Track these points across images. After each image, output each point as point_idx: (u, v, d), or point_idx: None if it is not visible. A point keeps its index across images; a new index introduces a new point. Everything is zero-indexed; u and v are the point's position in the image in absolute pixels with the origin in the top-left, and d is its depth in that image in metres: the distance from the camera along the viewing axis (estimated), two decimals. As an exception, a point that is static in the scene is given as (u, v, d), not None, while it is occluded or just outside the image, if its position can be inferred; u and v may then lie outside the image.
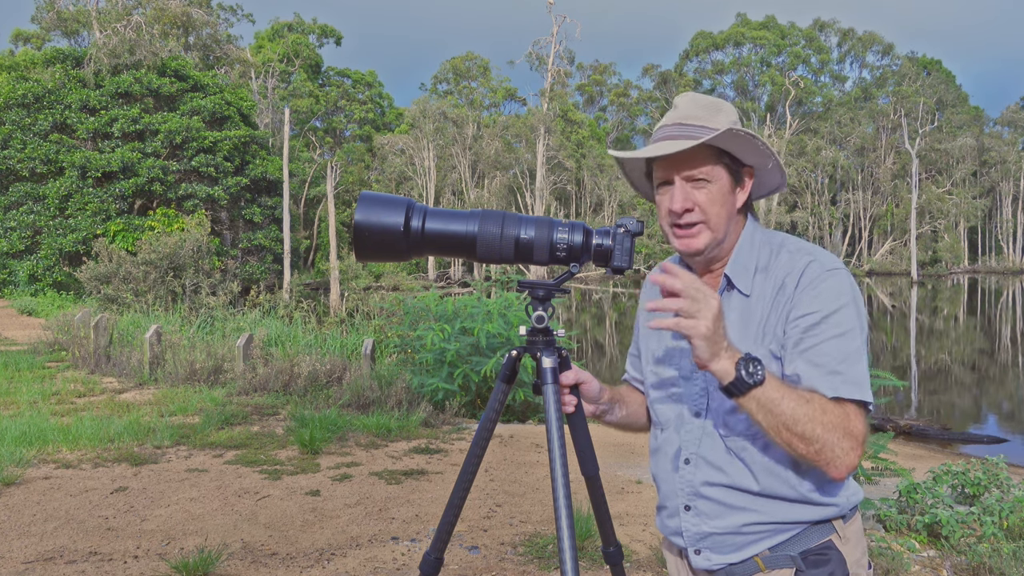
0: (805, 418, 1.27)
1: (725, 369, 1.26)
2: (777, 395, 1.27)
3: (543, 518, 4.73)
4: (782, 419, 1.27)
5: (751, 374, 1.25)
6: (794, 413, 1.27)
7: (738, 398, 1.28)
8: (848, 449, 1.29)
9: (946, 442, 9.61)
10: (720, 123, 1.42)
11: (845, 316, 1.35)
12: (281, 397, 8.57)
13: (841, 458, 1.29)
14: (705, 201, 1.42)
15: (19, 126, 27.28)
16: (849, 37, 63.68)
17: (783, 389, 1.28)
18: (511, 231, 1.46)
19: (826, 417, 1.28)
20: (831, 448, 1.28)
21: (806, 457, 1.30)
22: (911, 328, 25.35)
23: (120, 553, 4.06)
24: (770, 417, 1.27)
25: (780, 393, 1.27)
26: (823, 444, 1.28)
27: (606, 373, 15.44)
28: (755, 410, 1.28)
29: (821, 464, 1.30)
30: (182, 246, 19.94)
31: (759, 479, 1.41)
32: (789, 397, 1.28)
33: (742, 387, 1.26)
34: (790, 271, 1.41)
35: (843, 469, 1.30)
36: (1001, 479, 4.56)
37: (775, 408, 1.27)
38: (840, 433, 1.28)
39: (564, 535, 1.37)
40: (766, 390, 1.26)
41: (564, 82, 54.23)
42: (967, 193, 59.71)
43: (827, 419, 1.28)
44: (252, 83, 43.33)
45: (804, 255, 1.42)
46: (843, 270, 1.40)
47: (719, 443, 1.45)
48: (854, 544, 1.44)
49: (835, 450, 1.28)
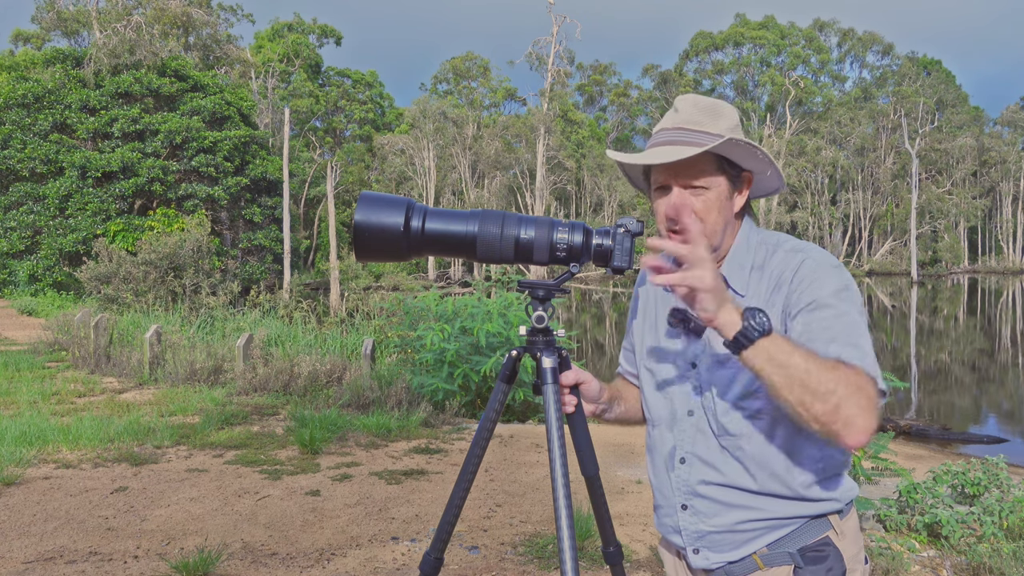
0: (819, 370, 1.18)
1: (731, 319, 1.20)
2: (788, 347, 1.20)
3: (543, 518, 4.73)
4: (795, 372, 1.18)
5: (759, 322, 1.19)
6: (808, 366, 1.18)
7: (746, 350, 1.20)
8: (865, 408, 1.19)
9: (946, 442, 9.61)
10: (721, 128, 1.42)
11: (842, 300, 1.33)
12: (281, 397, 8.57)
13: (859, 419, 1.18)
14: (702, 208, 1.42)
15: (19, 126, 27.27)
16: (849, 37, 63.69)
17: (793, 343, 1.22)
18: (511, 231, 1.46)
19: (837, 373, 1.20)
20: (849, 404, 1.18)
21: (821, 419, 1.19)
22: (911, 328, 25.35)
23: (120, 553, 4.06)
24: (781, 371, 1.18)
25: (791, 346, 1.21)
26: (840, 399, 1.17)
27: (606, 373, 15.44)
28: (765, 363, 1.19)
29: (838, 427, 1.19)
30: (182, 246, 19.94)
31: (756, 477, 1.41)
32: (799, 351, 1.21)
33: (750, 335, 1.19)
34: (785, 269, 1.40)
35: (860, 432, 1.19)
36: (1001, 479, 4.56)
37: (788, 360, 1.18)
38: (854, 388, 1.19)
39: (564, 535, 1.37)
40: (775, 340, 1.20)
41: (564, 82, 54.21)
42: (967, 193, 59.70)
43: (839, 374, 1.20)
44: (252, 83, 43.32)
45: (799, 253, 1.42)
46: (839, 266, 1.40)
47: (713, 441, 1.44)
48: (851, 540, 1.44)
49: (852, 407, 1.18)
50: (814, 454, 1.41)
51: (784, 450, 1.40)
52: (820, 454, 1.41)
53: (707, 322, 1.23)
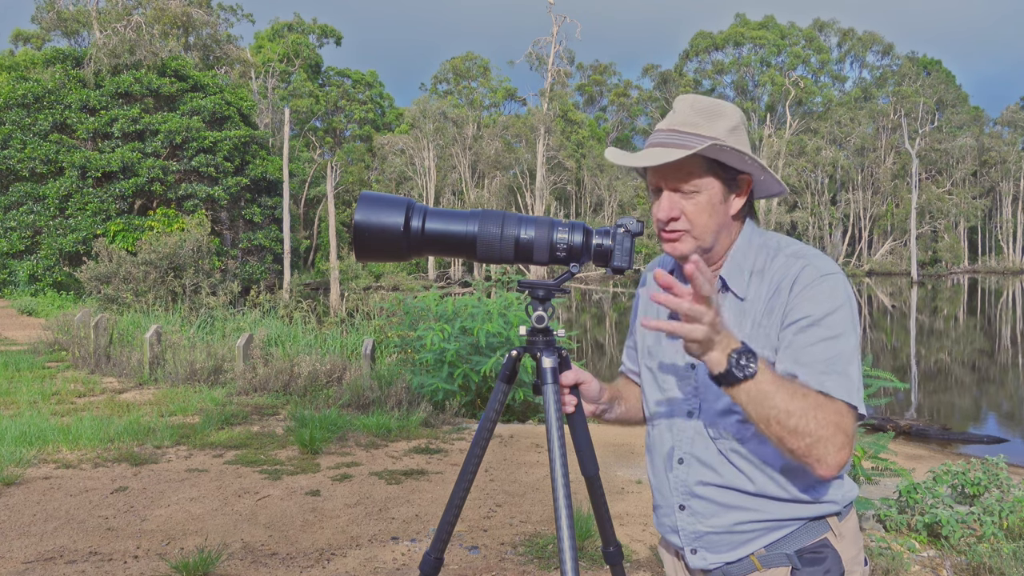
0: (798, 412, 1.25)
1: (716, 360, 1.24)
2: (770, 388, 1.24)
3: (543, 518, 4.73)
4: (773, 412, 1.24)
5: (741, 367, 1.22)
6: (787, 407, 1.24)
7: (727, 389, 1.25)
8: (840, 445, 1.27)
9: (946, 442, 9.61)
10: (716, 130, 1.40)
11: (837, 320, 1.34)
12: (281, 397, 8.57)
13: (833, 455, 1.26)
14: (692, 211, 1.41)
15: (19, 126, 27.27)
16: (849, 37, 63.69)
17: (777, 383, 1.25)
18: (511, 231, 1.46)
19: (819, 413, 1.26)
20: (824, 444, 1.26)
21: (796, 453, 1.27)
22: (911, 328, 25.35)
23: (120, 553, 4.06)
24: (760, 410, 1.25)
25: (774, 387, 1.24)
26: (815, 439, 1.25)
27: (606, 373, 15.43)
28: (745, 402, 1.25)
29: (811, 460, 1.27)
30: (182, 246, 19.94)
31: (753, 479, 1.41)
32: (783, 391, 1.25)
33: (731, 379, 1.23)
34: (785, 275, 1.40)
35: (832, 467, 1.27)
36: (1001, 479, 4.56)
37: (766, 401, 1.24)
38: (832, 429, 1.26)
39: (564, 535, 1.37)
40: (758, 383, 1.23)
41: (564, 82, 54.21)
42: (967, 193, 59.72)
43: (820, 415, 1.26)
44: (252, 83, 43.32)
45: (799, 259, 1.41)
46: (838, 274, 1.39)
47: (711, 443, 1.45)
48: (850, 541, 1.44)
49: (827, 446, 1.26)
50: None
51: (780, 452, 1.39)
52: None
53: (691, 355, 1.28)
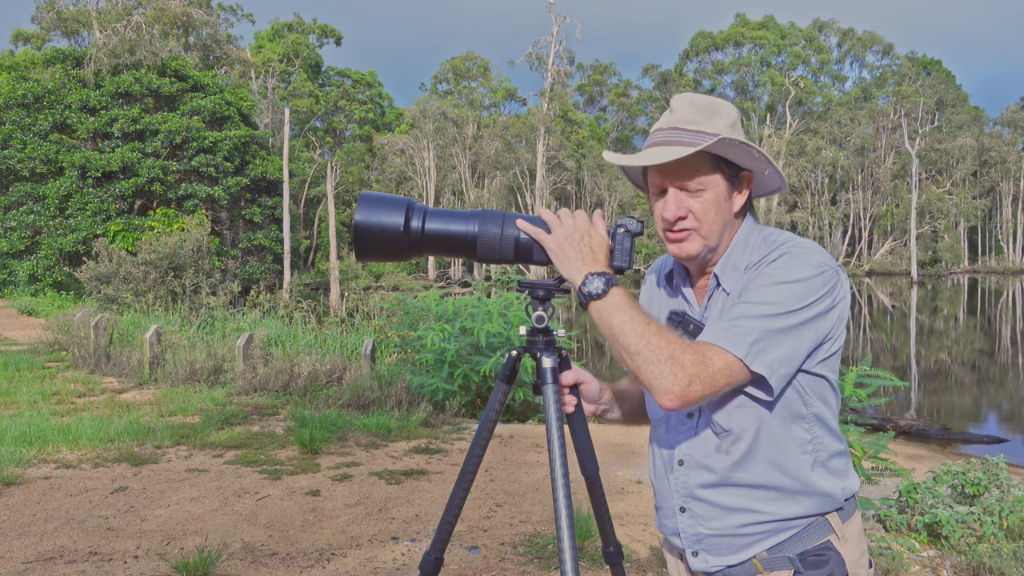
0: (634, 333, 1.32)
1: (571, 277, 1.41)
2: (613, 307, 1.36)
3: (543, 518, 4.73)
4: (611, 330, 1.35)
5: (591, 286, 1.38)
6: (623, 326, 1.34)
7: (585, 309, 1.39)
8: (669, 374, 1.28)
9: (946, 442, 9.61)
10: (717, 127, 1.40)
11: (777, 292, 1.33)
12: (281, 397, 8.57)
13: (661, 381, 1.29)
14: (699, 209, 1.41)
15: (19, 126, 27.27)
16: (849, 37, 63.68)
17: (625, 307, 1.35)
18: (511, 231, 1.46)
19: (658, 339, 1.32)
20: (650, 366, 1.30)
21: (634, 373, 1.34)
22: (911, 328, 25.35)
23: (120, 553, 4.06)
24: (603, 326, 1.37)
25: (618, 308, 1.35)
26: (644, 360, 1.31)
27: (606, 373, 15.43)
28: (594, 319, 1.38)
29: (646, 385, 1.33)
30: (182, 246, 19.93)
31: (753, 481, 1.40)
32: (626, 313, 1.35)
33: (583, 298, 1.39)
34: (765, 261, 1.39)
35: (663, 395, 1.29)
36: (1001, 479, 4.56)
37: (609, 319, 1.35)
38: (665, 356, 1.30)
39: (564, 535, 1.37)
40: (605, 302, 1.36)
41: (564, 82, 54.19)
42: (967, 193, 59.71)
43: (657, 340, 1.31)
44: (252, 83, 43.32)
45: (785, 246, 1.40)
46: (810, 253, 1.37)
47: (711, 444, 1.43)
48: (853, 544, 1.43)
49: (653, 369, 1.30)
50: (802, 436, 1.40)
51: (779, 452, 1.39)
52: (809, 436, 1.40)
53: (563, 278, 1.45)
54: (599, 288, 1.37)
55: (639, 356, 1.31)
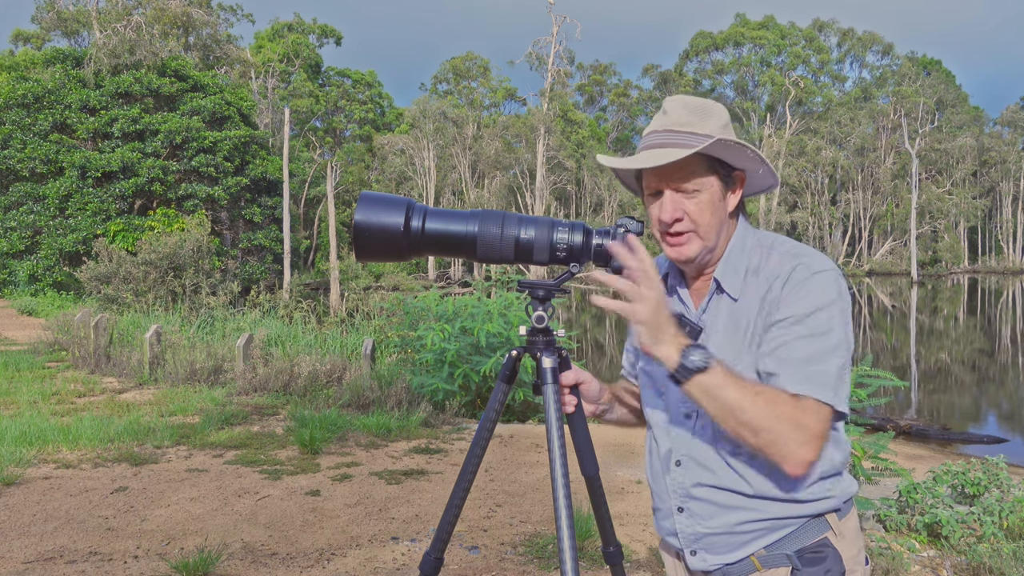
0: (751, 407, 1.25)
1: (668, 355, 1.28)
2: (722, 381, 1.26)
3: (543, 518, 4.73)
4: (727, 406, 1.26)
5: (692, 360, 1.26)
6: (740, 403, 1.26)
7: (683, 385, 1.28)
8: (800, 443, 1.26)
9: (946, 442, 9.61)
10: (710, 128, 1.40)
11: (823, 318, 1.33)
12: (281, 397, 8.57)
13: (794, 452, 1.26)
14: (695, 210, 1.41)
15: (19, 126, 27.27)
16: (849, 37, 63.68)
17: (731, 378, 1.27)
18: (511, 231, 1.46)
19: (776, 408, 1.26)
20: (782, 441, 1.26)
21: (758, 449, 1.29)
22: (911, 328, 25.35)
23: (120, 553, 4.06)
24: (714, 404, 1.27)
25: (726, 381, 1.26)
26: (774, 435, 1.26)
27: (606, 373, 15.43)
28: (699, 396, 1.27)
29: (775, 458, 1.28)
30: (182, 246, 19.94)
31: (750, 480, 1.40)
32: (736, 386, 1.27)
33: (684, 373, 1.27)
34: (778, 274, 1.39)
35: (796, 464, 1.27)
36: (1001, 479, 4.56)
37: (719, 395, 1.26)
38: (790, 425, 1.26)
39: (564, 535, 1.37)
40: (711, 376, 1.26)
41: (564, 82, 54.19)
42: (967, 193, 59.70)
43: (777, 410, 1.26)
44: (252, 83, 43.32)
45: (793, 258, 1.40)
46: (830, 271, 1.38)
47: (709, 444, 1.44)
48: (850, 540, 1.44)
49: (788, 444, 1.26)
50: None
51: None
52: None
53: (645, 352, 1.30)
54: (703, 361, 1.27)
55: (767, 432, 1.26)
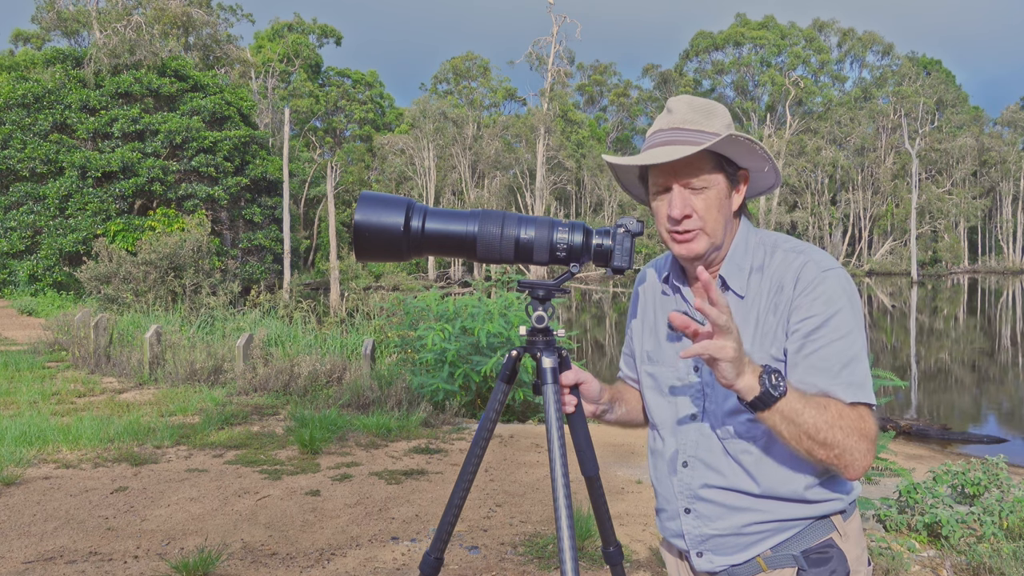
0: (826, 425, 1.29)
1: (750, 385, 1.26)
2: (799, 405, 1.28)
3: (543, 518, 4.73)
4: (804, 428, 1.28)
5: (775, 386, 1.25)
6: (816, 422, 1.28)
7: (762, 412, 1.27)
8: (865, 451, 1.31)
9: (946, 442, 9.61)
10: (716, 127, 1.41)
11: (844, 318, 1.36)
12: (281, 397, 8.57)
13: (859, 460, 1.31)
14: (703, 207, 1.41)
15: (19, 126, 27.27)
16: (849, 37, 63.66)
17: (803, 399, 1.29)
18: (511, 231, 1.46)
19: (843, 422, 1.30)
20: (851, 452, 1.30)
21: (825, 462, 1.31)
22: (911, 328, 25.35)
23: (120, 553, 4.06)
24: (793, 427, 1.28)
25: (801, 403, 1.28)
26: (843, 449, 1.30)
27: (606, 373, 15.43)
28: (779, 422, 1.28)
29: (840, 467, 1.32)
30: (182, 246, 19.94)
31: (759, 480, 1.41)
32: (810, 406, 1.29)
33: (768, 401, 1.26)
34: (786, 272, 1.40)
35: (859, 471, 1.33)
36: (1001, 479, 4.55)
37: (798, 418, 1.27)
38: (857, 436, 1.31)
39: (564, 535, 1.37)
40: (789, 401, 1.27)
41: (564, 82, 54.20)
42: (967, 193, 59.71)
43: (844, 424, 1.30)
44: (252, 83, 43.32)
45: (799, 255, 1.42)
46: (839, 269, 1.40)
47: (717, 445, 1.44)
48: (854, 541, 1.44)
49: (854, 453, 1.31)
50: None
51: (787, 452, 1.39)
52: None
53: (726, 386, 1.28)
54: (782, 387, 1.27)
55: (838, 447, 1.30)
